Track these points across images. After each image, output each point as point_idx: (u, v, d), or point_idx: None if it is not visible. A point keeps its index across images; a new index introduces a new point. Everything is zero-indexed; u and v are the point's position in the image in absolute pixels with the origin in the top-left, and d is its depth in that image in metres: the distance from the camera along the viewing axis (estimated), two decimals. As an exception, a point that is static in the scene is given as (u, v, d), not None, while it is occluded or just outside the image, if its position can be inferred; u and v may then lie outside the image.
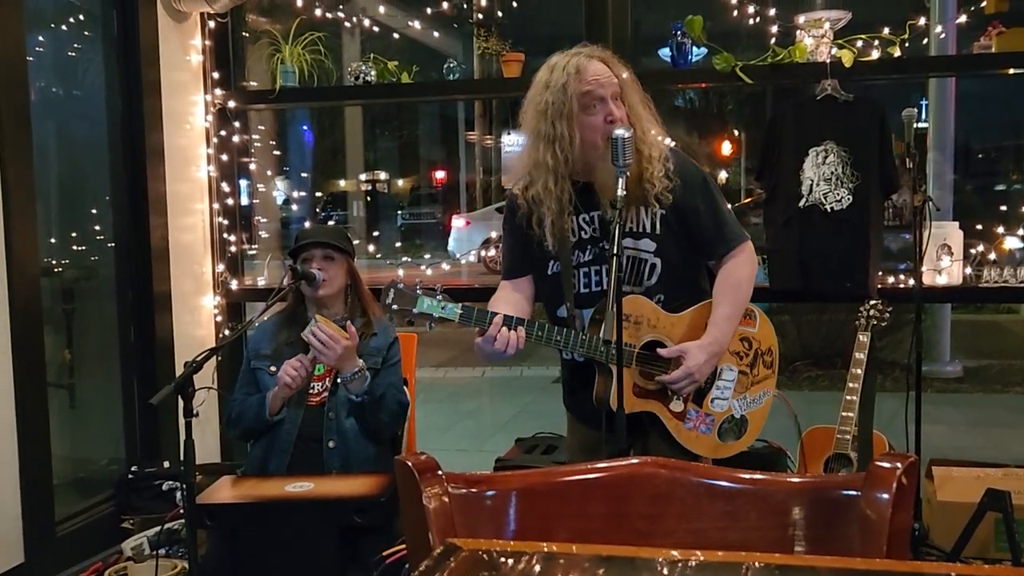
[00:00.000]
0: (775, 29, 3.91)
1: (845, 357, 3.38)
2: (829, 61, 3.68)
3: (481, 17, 4.73)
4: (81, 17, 4.13)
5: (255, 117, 4.71)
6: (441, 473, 1.48)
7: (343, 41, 7.60)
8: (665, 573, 1.23)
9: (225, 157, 4.38)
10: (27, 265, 3.40)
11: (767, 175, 3.82)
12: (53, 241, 3.95)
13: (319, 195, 20.01)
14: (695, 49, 3.91)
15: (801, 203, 3.70)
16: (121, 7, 4.01)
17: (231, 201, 4.40)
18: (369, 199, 21.43)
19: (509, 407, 7.24)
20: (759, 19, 3.95)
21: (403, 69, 4.19)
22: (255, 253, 4.71)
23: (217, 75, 4.33)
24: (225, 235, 4.40)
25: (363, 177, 20.85)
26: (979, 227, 4.04)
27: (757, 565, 1.22)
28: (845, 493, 1.40)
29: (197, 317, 4.32)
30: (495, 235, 14.73)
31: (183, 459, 2.26)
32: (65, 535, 3.62)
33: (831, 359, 7.66)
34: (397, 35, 5.10)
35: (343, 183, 20.59)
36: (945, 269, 3.75)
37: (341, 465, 2.90)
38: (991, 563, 3.18)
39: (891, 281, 3.83)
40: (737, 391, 2.63)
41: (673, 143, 2.80)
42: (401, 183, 25.16)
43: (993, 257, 3.83)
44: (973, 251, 3.84)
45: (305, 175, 18.77)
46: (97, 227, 4.15)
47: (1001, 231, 4.13)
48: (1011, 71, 3.78)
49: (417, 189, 24.98)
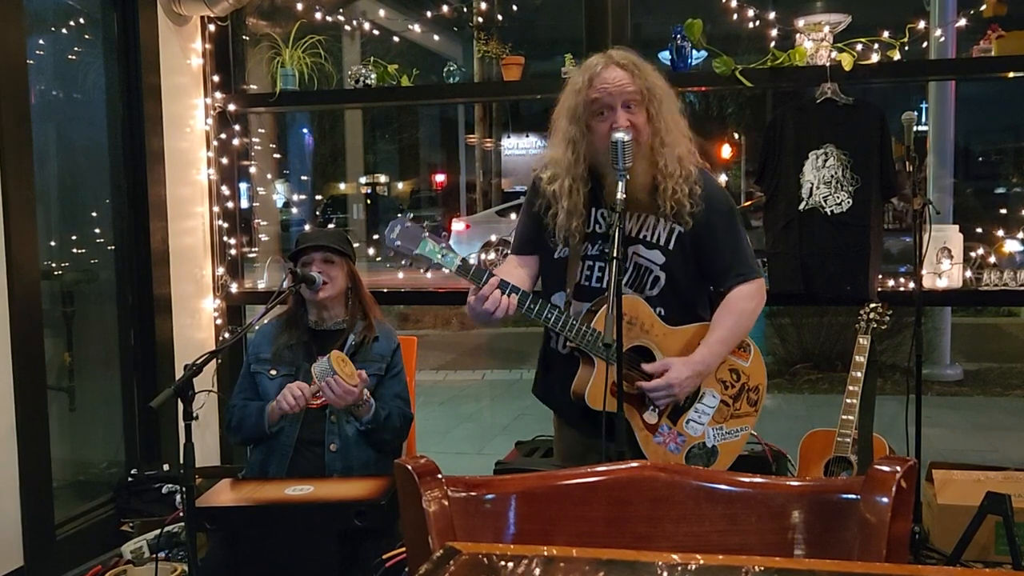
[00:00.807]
0: (775, 32, 3.91)
1: (845, 360, 3.38)
2: (829, 64, 3.68)
3: (481, 21, 4.73)
4: (81, 20, 4.13)
5: (255, 120, 4.71)
6: (441, 476, 1.48)
7: (343, 44, 7.63)
8: (665, 576, 1.23)
9: (225, 160, 4.39)
10: (27, 268, 3.40)
11: (767, 178, 3.82)
12: (53, 244, 3.95)
13: (319, 198, 20.02)
14: (695, 52, 3.91)
15: (801, 206, 3.70)
16: (121, 10, 4.01)
17: (231, 204, 4.41)
18: (369, 202, 21.45)
19: (509, 410, 7.24)
20: (759, 23, 3.95)
21: (403, 72, 4.20)
22: (255, 256, 4.71)
23: (217, 78, 4.34)
24: (225, 238, 4.41)
25: (363, 180, 20.87)
26: (979, 230, 4.04)
27: (757, 569, 1.22)
28: (844, 497, 1.40)
29: (197, 320, 4.32)
30: (495, 238, 14.74)
31: (183, 462, 2.26)
32: (65, 538, 3.62)
33: (831, 362, 7.67)
34: (397, 38, 5.10)
35: (343, 186, 20.61)
36: (945, 272, 3.75)
37: (342, 468, 2.90)
38: (991, 566, 3.18)
39: (891, 284, 3.83)
40: (715, 419, 2.60)
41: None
42: (401, 186, 25.17)
43: (993, 260, 3.83)
44: (973, 254, 3.84)
45: (305, 178, 18.79)
46: (97, 230, 4.15)
47: (1001, 234, 4.14)
48: (1011, 74, 3.79)
49: (417, 192, 25.00)
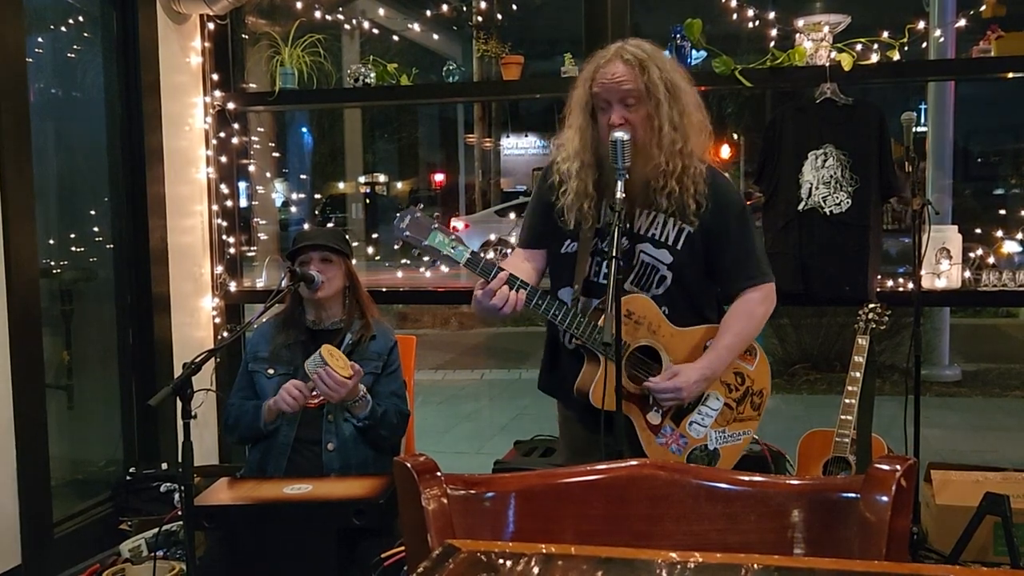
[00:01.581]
0: (774, 32, 3.92)
1: (844, 360, 3.38)
2: (828, 65, 3.69)
3: (481, 20, 4.73)
4: (80, 19, 4.13)
5: (254, 119, 4.71)
6: (440, 475, 1.47)
7: (343, 43, 7.62)
8: (663, 575, 1.23)
9: (224, 159, 4.38)
10: (26, 266, 3.40)
11: (766, 178, 3.82)
12: (52, 242, 3.95)
13: (317, 197, 20.01)
14: (694, 52, 3.91)
15: (800, 206, 3.70)
16: (121, 9, 4.01)
17: (230, 203, 4.40)
18: (368, 201, 21.44)
19: (508, 410, 7.24)
20: (758, 22, 3.95)
21: (402, 71, 4.20)
22: (254, 255, 4.71)
23: (216, 77, 4.34)
24: (224, 237, 4.40)
25: (362, 179, 20.86)
26: (978, 231, 4.04)
27: (756, 567, 1.22)
28: (844, 496, 1.40)
29: (196, 319, 4.31)
30: (494, 238, 14.72)
31: (181, 461, 2.26)
32: (63, 536, 3.62)
33: (830, 362, 7.67)
34: (396, 38, 5.10)
35: (342, 185, 20.60)
36: (944, 273, 3.75)
37: (340, 467, 2.90)
38: (990, 567, 3.18)
39: (890, 285, 3.83)
40: (718, 422, 2.59)
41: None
42: (400, 186, 25.17)
43: (992, 261, 3.83)
44: (972, 255, 3.84)
45: (304, 177, 18.77)
46: (96, 228, 4.15)
47: (1000, 235, 4.14)
48: (1010, 75, 3.79)
49: (416, 192, 24.99)
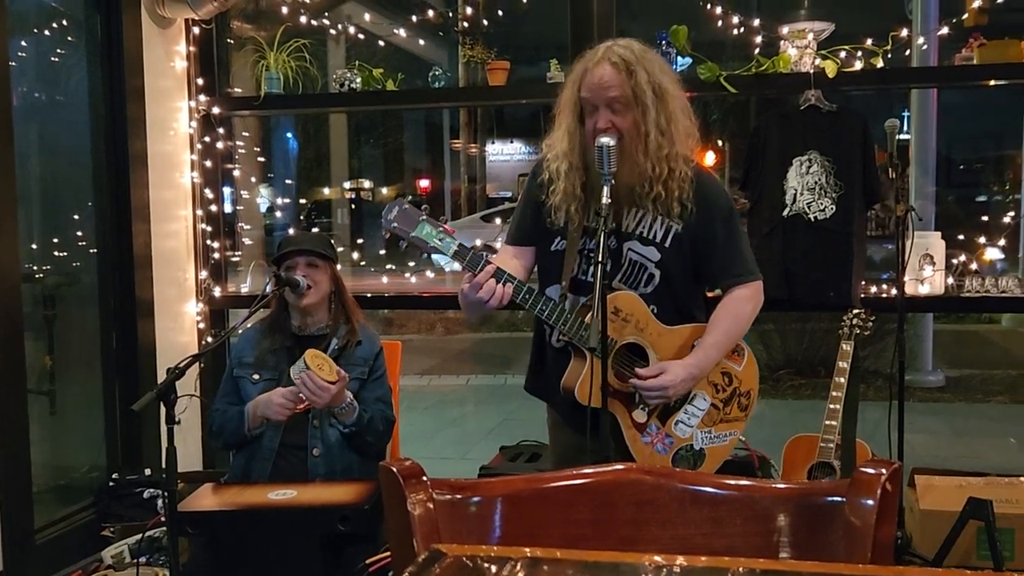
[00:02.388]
0: (759, 39, 3.94)
1: (828, 366, 3.40)
2: (812, 71, 3.71)
3: (467, 26, 4.74)
4: (64, 22, 4.11)
5: (239, 124, 4.69)
6: (426, 479, 1.47)
7: (328, 48, 7.60)
8: (649, 579, 1.23)
9: (209, 163, 4.37)
10: (8, 271, 3.37)
11: (751, 185, 3.84)
12: (35, 247, 3.93)
13: (303, 203, 19.95)
14: (679, 59, 3.93)
15: (785, 212, 3.72)
16: (105, 12, 3.99)
17: (215, 208, 4.39)
18: (354, 207, 21.39)
19: (494, 415, 7.23)
20: (743, 29, 3.97)
21: (388, 77, 4.20)
22: (238, 260, 4.69)
23: (201, 81, 4.32)
24: (208, 242, 4.39)
25: (347, 185, 20.82)
26: (960, 237, 4.07)
27: (741, 570, 1.22)
28: (830, 500, 1.40)
29: (180, 324, 4.29)
30: (479, 243, 14.69)
31: (165, 466, 2.24)
32: (44, 543, 3.59)
33: (814, 368, 7.70)
34: (382, 43, 5.10)
35: (327, 190, 20.55)
36: (927, 279, 3.77)
37: (325, 473, 2.89)
38: (973, 571, 3.19)
39: (874, 291, 3.85)
40: (704, 422, 2.59)
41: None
42: (386, 191, 25.11)
43: (975, 267, 3.86)
44: (955, 261, 3.87)
45: (289, 182, 18.74)
46: (79, 233, 4.13)
47: (982, 241, 4.17)
48: (992, 83, 3.82)
49: (402, 197, 24.89)
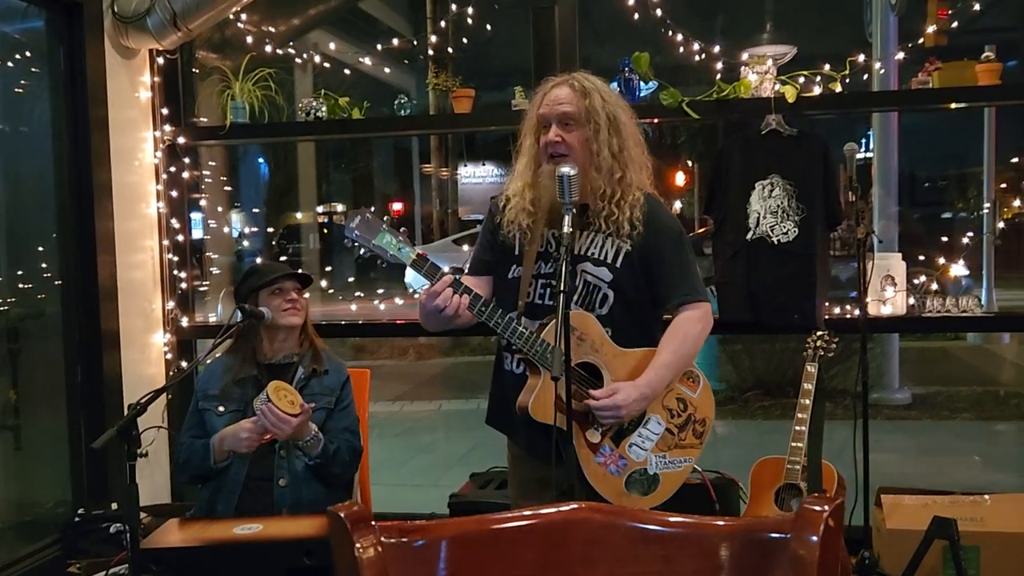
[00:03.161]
0: (720, 65, 3.99)
1: (797, 386, 3.43)
2: (773, 97, 3.76)
3: (432, 54, 4.77)
4: (28, 53, 4.09)
5: (206, 153, 4.69)
6: (374, 523, 1.47)
7: (296, 76, 7.61)
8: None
9: (175, 193, 4.36)
10: (-30, 305, 3.34)
11: (715, 208, 3.89)
12: (-2, 280, 3.90)
13: (271, 231, 19.85)
14: (643, 84, 3.97)
15: (749, 236, 3.76)
16: (68, 43, 3.98)
17: (181, 237, 4.37)
18: (325, 231, 21.33)
19: (465, 440, 7.21)
20: (704, 55, 4.03)
21: (354, 105, 4.21)
22: (206, 290, 4.67)
23: (166, 111, 4.32)
24: (175, 272, 4.37)
25: (320, 210, 20.76)
26: (921, 257, 4.13)
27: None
28: (775, 535, 1.42)
29: (147, 355, 4.26)
30: (447, 268, 14.65)
31: (127, 503, 2.22)
32: (9, 581, 3.54)
33: (783, 388, 7.74)
34: (348, 71, 5.12)
35: (299, 215, 20.50)
36: (889, 300, 3.82)
37: (292, 504, 2.87)
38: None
39: (837, 311, 3.90)
40: (659, 447, 2.60)
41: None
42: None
43: (935, 287, 3.91)
44: (916, 281, 3.92)
45: (256, 211, 18.67)
46: (44, 265, 4.10)
47: (942, 261, 4.23)
48: (952, 105, 3.89)
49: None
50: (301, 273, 3.11)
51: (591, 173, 2.52)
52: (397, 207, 23.94)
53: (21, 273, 4.06)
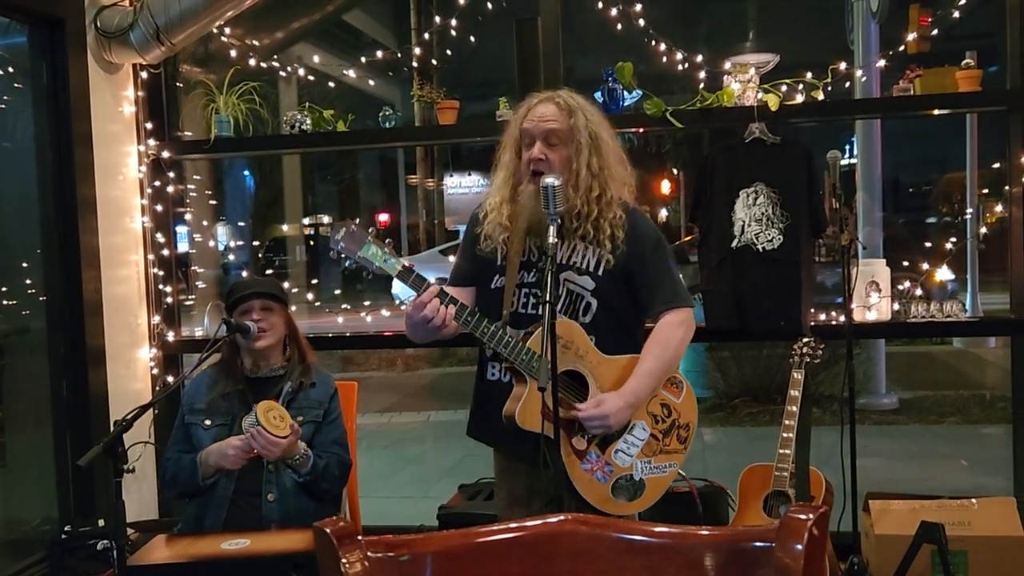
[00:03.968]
0: (703, 74, 4.01)
1: (784, 392, 3.44)
2: (756, 105, 3.78)
3: (417, 65, 4.78)
4: (10, 69, 4.08)
5: (190, 166, 4.68)
6: (360, 538, 1.46)
7: (280, 89, 7.62)
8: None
9: (160, 207, 4.34)
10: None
11: (700, 216, 3.90)
12: (-19, 297, 3.88)
13: (256, 244, 19.82)
14: (627, 94, 3.98)
15: (734, 243, 3.78)
16: (51, 59, 3.97)
17: (167, 252, 4.36)
18: (312, 243, 21.31)
19: (454, 452, 7.19)
20: (687, 65, 4.04)
21: (339, 117, 4.22)
22: (192, 303, 4.65)
23: (150, 126, 4.31)
24: (161, 286, 4.35)
25: (306, 221, 20.75)
26: (906, 263, 4.16)
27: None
28: (759, 545, 1.43)
29: (133, 370, 4.24)
30: (434, 279, 14.66)
31: (114, 520, 2.21)
32: (-5, 599, 3.51)
33: (770, 395, 7.76)
34: (332, 84, 5.12)
35: (285, 228, 20.47)
36: (874, 306, 3.84)
37: (280, 519, 2.86)
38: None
39: (823, 318, 3.91)
40: (644, 452, 2.61)
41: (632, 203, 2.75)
42: (344, 227, 25.02)
43: (919, 293, 3.94)
44: (900, 287, 3.94)
45: (242, 224, 18.64)
46: (28, 281, 4.08)
47: (926, 267, 4.26)
48: (934, 112, 3.91)
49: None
50: (266, 293, 3.03)
51: (568, 191, 2.53)
52: (383, 218, 23.95)
53: (5, 289, 4.04)
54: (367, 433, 7.60)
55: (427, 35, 4.78)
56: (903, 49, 4.08)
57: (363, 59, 4.85)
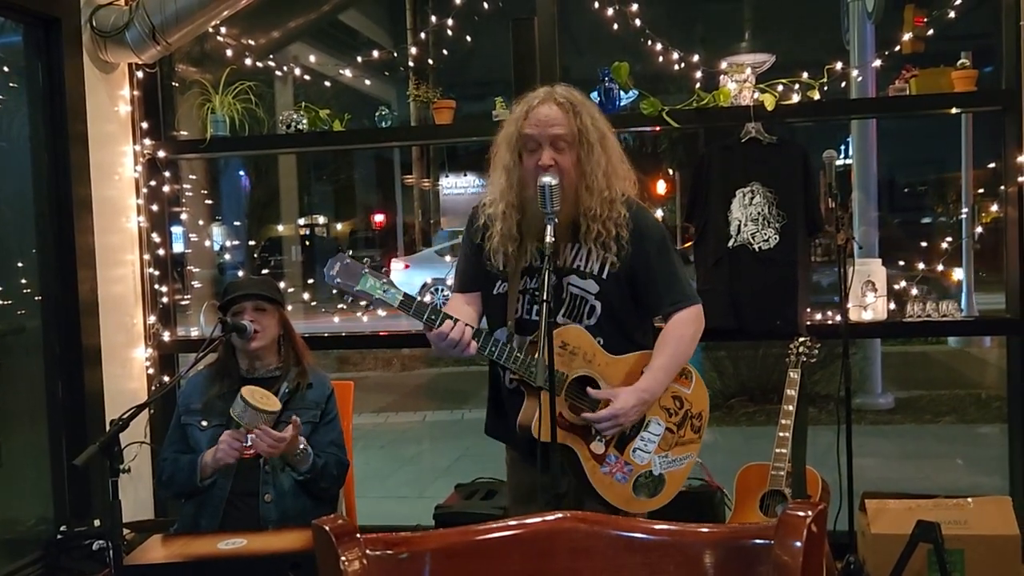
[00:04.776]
0: (699, 74, 4.01)
1: (781, 391, 3.44)
2: (752, 105, 3.78)
3: (413, 65, 4.78)
4: (5, 68, 4.07)
5: (186, 166, 4.67)
6: (359, 536, 1.46)
7: (276, 89, 7.60)
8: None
9: (155, 207, 4.34)
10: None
11: (696, 216, 3.91)
12: (-23, 296, 3.87)
13: (252, 244, 19.80)
14: (624, 93, 3.98)
15: (730, 243, 3.78)
16: (47, 58, 3.96)
17: (162, 251, 4.36)
18: (308, 243, 21.30)
19: (450, 452, 7.20)
20: (683, 64, 4.05)
21: (335, 117, 4.22)
22: (188, 303, 4.65)
23: (146, 125, 4.30)
24: (156, 286, 4.35)
25: (301, 221, 20.73)
26: (901, 262, 4.17)
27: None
28: (758, 542, 1.43)
29: (128, 370, 4.24)
30: (430, 280, 14.70)
31: (109, 519, 2.21)
32: (-10, 600, 3.51)
33: (767, 394, 7.77)
34: (328, 83, 5.12)
35: (281, 227, 20.46)
36: (870, 305, 3.84)
37: (278, 519, 2.85)
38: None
39: (819, 317, 3.91)
40: (661, 447, 2.62)
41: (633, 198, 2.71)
42: (340, 227, 25.08)
43: (915, 292, 3.94)
44: (897, 287, 3.95)
45: (238, 224, 18.61)
46: (23, 280, 4.07)
47: (921, 266, 4.26)
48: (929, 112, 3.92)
49: (356, 232, 24.92)
50: (259, 294, 3.01)
51: (582, 193, 2.52)
52: (379, 218, 23.94)
53: (1, 288, 4.03)
54: (363, 433, 7.59)
55: (423, 35, 4.78)
56: (899, 49, 4.08)
57: (359, 59, 4.84)
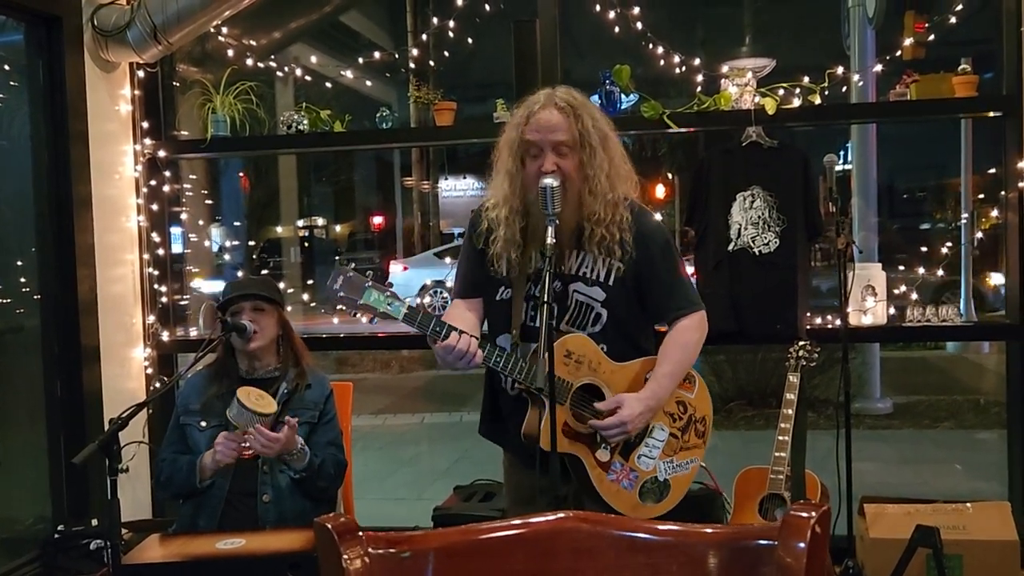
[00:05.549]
0: (700, 78, 4.01)
1: (780, 396, 3.44)
2: (753, 108, 3.79)
3: (414, 66, 4.78)
4: (6, 67, 4.07)
5: (186, 166, 4.67)
6: (361, 534, 1.46)
7: (277, 89, 7.61)
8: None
9: (155, 207, 4.34)
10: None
11: (696, 220, 3.91)
12: (-24, 295, 3.87)
13: (251, 244, 19.80)
14: (625, 97, 3.99)
15: (730, 247, 3.78)
16: (48, 57, 3.96)
17: (162, 251, 4.35)
18: (307, 245, 21.29)
19: (448, 454, 7.20)
20: (684, 68, 4.05)
21: (336, 118, 4.21)
22: (187, 303, 4.64)
23: (147, 124, 4.30)
24: (156, 285, 4.34)
25: (300, 223, 20.72)
26: (901, 268, 4.17)
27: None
28: (762, 543, 1.42)
29: (127, 370, 4.23)
30: (429, 282, 14.70)
31: (107, 519, 2.21)
32: (-13, 599, 3.50)
33: (766, 398, 7.77)
34: (329, 84, 5.12)
35: (280, 229, 20.46)
36: (870, 310, 3.84)
37: (276, 519, 2.85)
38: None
39: (819, 322, 3.92)
40: (665, 453, 2.62)
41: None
42: (339, 228, 25.08)
43: (915, 297, 3.94)
44: (896, 291, 3.95)
45: (238, 224, 18.60)
46: (23, 279, 4.07)
47: (921, 271, 4.27)
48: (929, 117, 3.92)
49: (355, 235, 24.92)
50: (257, 294, 3.00)
51: (586, 197, 2.51)
52: (378, 220, 23.94)
53: (0, 287, 4.03)
54: (362, 435, 7.58)
55: (424, 36, 4.78)
56: (899, 54, 4.08)
57: (360, 60, 4.85)
